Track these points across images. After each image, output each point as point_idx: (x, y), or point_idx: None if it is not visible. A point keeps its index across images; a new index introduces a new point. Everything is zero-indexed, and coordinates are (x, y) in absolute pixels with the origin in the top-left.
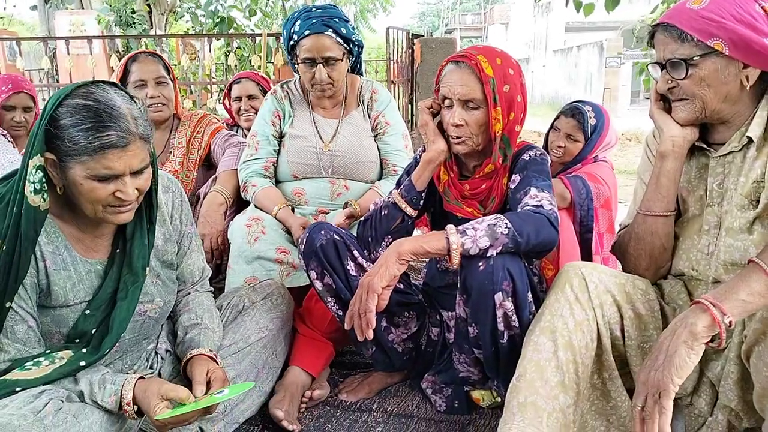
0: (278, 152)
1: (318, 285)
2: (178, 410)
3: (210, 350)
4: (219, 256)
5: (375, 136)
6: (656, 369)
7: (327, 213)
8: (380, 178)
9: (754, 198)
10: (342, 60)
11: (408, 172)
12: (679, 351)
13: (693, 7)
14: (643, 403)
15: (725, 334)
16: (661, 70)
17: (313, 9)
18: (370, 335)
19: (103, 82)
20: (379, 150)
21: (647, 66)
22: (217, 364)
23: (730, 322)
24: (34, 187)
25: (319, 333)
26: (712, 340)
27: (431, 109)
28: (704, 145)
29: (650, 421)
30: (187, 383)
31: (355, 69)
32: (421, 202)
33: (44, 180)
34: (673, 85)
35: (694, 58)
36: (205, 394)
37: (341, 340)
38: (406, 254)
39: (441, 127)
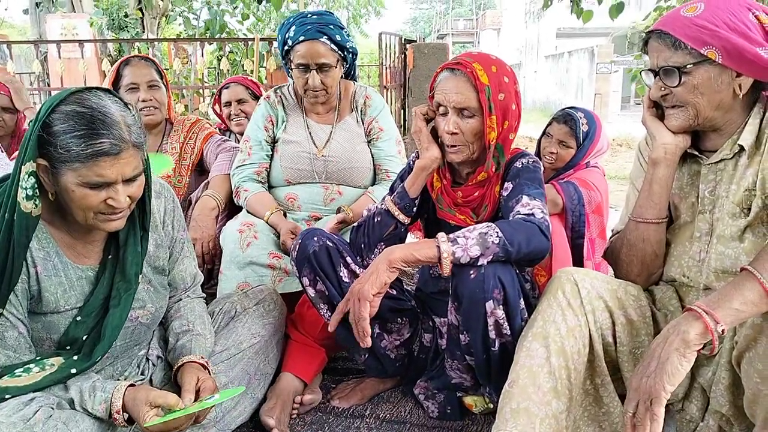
0: (271, 157)
1: (311, 291)
2: (167, 417)
3: (201, 357)
4: (210, 261)
5: (368, 142)
6: (648, 376)
7: (320, 218)
8: (373, 183)
9: (745, 206)
10: (336, 67)
11: (401, 177)
12: (671, 358)
13: (687, 15)
14: (634, 410)
15: (717, 342)
16: (654, 77)
17: (309, 15)
18: (369, 342)
19: (98, 88)
20: (372, 155)
21: (640, 72)
22: (209, 371)
23: (722, 330)
24: (27, 194)
25: (312, 339)
26: (703, 347)
27: (425, 116)
28: (696, 153)
29: (641, 428)
30: (178, 390)
31: (349, 75)
32: (414, 209)
33: (36, 186)
34: (666, 92)
35: (688, 66)
36: (194, 401)
37: (334, 346)
38: (397, 262)
39: (435, 134)
